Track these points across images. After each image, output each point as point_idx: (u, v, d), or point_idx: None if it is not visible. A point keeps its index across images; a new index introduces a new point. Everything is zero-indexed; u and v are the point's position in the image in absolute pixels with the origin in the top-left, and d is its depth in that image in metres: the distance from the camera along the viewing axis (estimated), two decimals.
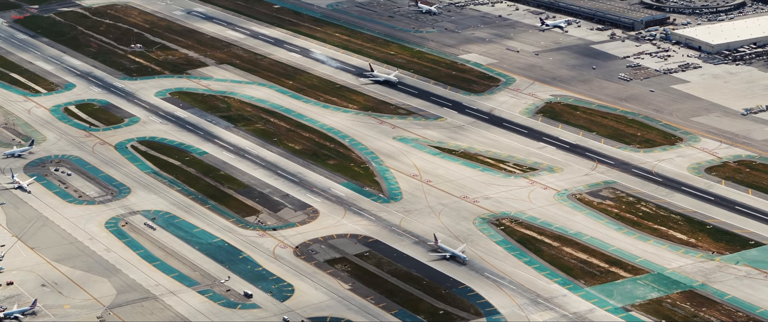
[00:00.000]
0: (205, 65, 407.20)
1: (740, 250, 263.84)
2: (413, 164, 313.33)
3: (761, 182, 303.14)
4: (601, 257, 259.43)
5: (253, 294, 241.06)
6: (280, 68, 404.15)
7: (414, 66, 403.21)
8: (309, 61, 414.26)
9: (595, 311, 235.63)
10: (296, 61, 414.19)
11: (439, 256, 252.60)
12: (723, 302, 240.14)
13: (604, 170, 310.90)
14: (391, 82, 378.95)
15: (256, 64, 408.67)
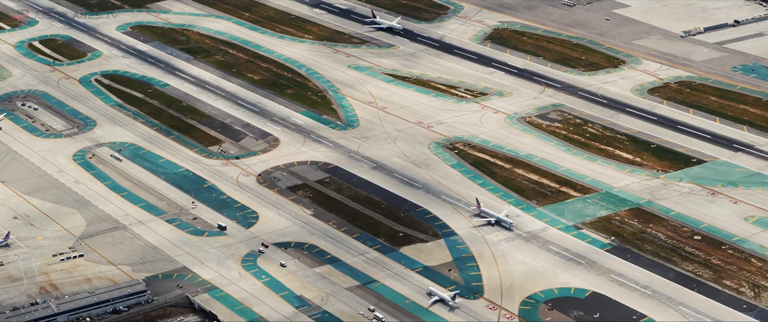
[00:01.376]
0: None
1: (683, 167, 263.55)
2: (369, 91, 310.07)
3: (701, 101, 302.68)
4: (552, 178, 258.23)
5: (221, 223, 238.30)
6: (237, 0, 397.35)
7: None
8: None
9: (547, 230, 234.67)
10: None
11: (485, 221, 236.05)
12: (668, 218, 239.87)
13: (551, 94, 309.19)
14: (395, 30, 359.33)
15: None
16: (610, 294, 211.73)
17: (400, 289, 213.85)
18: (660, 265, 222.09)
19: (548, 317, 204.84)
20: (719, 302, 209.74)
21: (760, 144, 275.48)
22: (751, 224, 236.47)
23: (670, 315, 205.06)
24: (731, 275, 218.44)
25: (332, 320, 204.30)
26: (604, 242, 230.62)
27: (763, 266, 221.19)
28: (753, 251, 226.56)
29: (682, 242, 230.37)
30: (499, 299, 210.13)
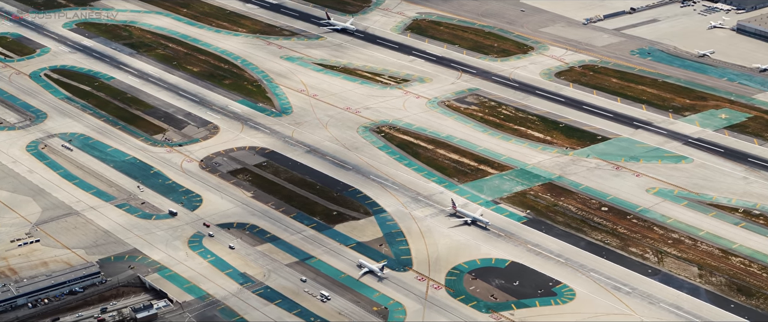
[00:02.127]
0: None
1: (590, 144, 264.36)
2: (300, 80, 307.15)
3: (603, 83, 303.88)
4: (471, 157, 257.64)
5: (167, 206, 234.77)
6: None
7: None
8: None
9: (468, 205, 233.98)
10: None
11: (461, 221, 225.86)
12: (578, 192, 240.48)
13: (468, 79, 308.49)
14: (349, 30, 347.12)
15: None
16: (527, 263, 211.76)
17: (336, 264, 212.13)
18: (572, 235, 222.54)
19: (472, 285, 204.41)
20: (626, 267, 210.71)
21: (657, 121, 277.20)
22: (652, 195, 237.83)
23: (583, 281, 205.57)
24: (636, 243, 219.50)
25: (274, 294, 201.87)
26: (520, 215, 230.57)
27: (664, 233, 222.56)
28: (655, 219, 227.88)
29: (591, 214, 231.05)
30: (427, 270, 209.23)
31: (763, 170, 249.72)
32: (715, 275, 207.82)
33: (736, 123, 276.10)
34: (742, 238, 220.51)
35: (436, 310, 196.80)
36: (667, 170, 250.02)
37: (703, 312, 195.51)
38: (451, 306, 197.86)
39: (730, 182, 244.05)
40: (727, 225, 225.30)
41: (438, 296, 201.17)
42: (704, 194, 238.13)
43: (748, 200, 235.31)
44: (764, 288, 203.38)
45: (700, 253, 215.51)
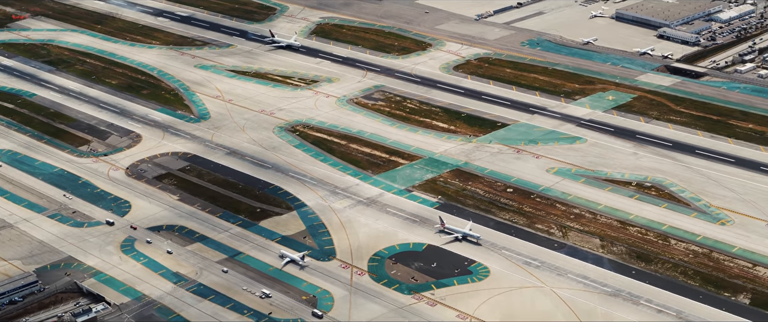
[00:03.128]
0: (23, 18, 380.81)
1: (491, 131, 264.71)
2: (215, 87, 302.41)
3: (499, 73, 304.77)
4: (382, 149, 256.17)
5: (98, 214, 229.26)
6: (89, 16, 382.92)
7: (203, 3, 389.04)
8: (113, 6, 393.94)
9: (384, 195, 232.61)
10: (102, 8, 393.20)
11: (452, 238, 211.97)
12: (484, 176, 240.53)
13: (373, 77, 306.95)
14: (294, 46, 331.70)
15: (68, 14, 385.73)
16: (442, 246, 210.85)
17: (263, 258, 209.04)
18: (482, 216, 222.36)
19: (394, 270, 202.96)
20: (534, 243, 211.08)
21: (551, 106, 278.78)
22: (552, 175, 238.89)
23: (496, 258, 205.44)
24: (542, 219, 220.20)
25: (207, 290, 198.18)
26: (432, 201, 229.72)
27: (566, 209, 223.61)
28: (557, 197, 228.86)
29: (497, 195, 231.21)
30: (350, 258, 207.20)
31: (650, 146, 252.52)
32: (616, 244, 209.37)
33: (622, 103, 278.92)
34: (637, 209, 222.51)
35: (361, 295, 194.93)
36: (564, 150, 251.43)
37: (608, 280, 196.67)
38: (376, 290, 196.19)
39: (622, 158, 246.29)
40: (622, 198, 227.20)
41: (362, 281, 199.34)
42: (599, 170, 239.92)
43: (639, 173, 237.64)
44: (661, 254, 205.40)
45: (600, 225, 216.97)
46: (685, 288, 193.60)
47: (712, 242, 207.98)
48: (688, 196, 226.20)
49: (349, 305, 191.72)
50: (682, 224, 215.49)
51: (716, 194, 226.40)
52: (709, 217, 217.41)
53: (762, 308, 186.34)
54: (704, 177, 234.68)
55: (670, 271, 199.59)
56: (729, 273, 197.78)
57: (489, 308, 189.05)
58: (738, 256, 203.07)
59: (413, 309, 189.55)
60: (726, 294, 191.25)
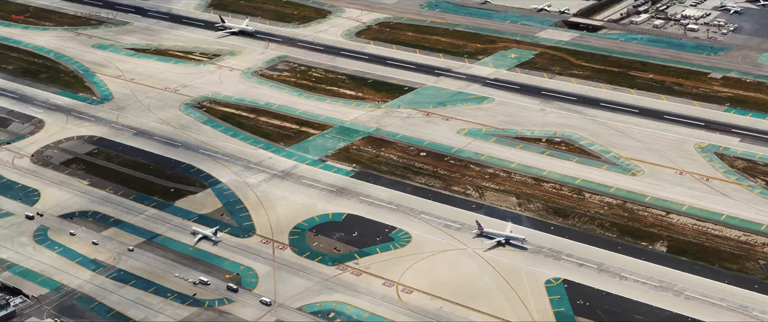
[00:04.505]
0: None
1: (399, 96, 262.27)
2: (116, 67, 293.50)
3: (401, 37, 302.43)
4: (292, 121, 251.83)
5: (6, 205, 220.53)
6: None
7: None
8: None
9: (298, 167, 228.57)
10: None
11: (494, 243, 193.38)
12: (396, 141, 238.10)
13: (275, 47, 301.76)
14: (247, 31, 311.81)
15: None
16: (362, 214, 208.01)
17: (182, 238, 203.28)
18: (398, 182, 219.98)
19: (315, 241, 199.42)
20: (452, 205, 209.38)
21: (456, 67, 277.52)
22: (463, 136, 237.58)
23: (416, 223, 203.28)
24: (457, 181, 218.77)
25: (128, 276, 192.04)
26: (347, 169, 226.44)
27: (480, 169, 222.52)
28: (470, 158, 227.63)
29: (411, 160, 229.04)
30: (270, 233, 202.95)
31: (556, 101, 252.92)
32: (532, 201, 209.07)
33: (525, 60, 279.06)
34: (549, 165, 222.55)
35: (285, 270, 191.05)
36: (473, 110, 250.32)
37: (528, 237, 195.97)
38: (299, 264, 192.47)
39: (530, 115, 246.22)
40: (534, 155, 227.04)
41: (285, 256, 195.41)
42: (509, 128, 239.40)
43: (548, 129, 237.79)
44: (576, 208, 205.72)
45: (515, 183, 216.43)
46: (603, 240, 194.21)
47: (625, 192, 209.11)
48: (597, 149, 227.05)
49: (273, 280, 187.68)
50: (594, 177, 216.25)
51: (624, 145, 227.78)
52: (620, 168, 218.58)
53: (679, 255, 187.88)
54: (611, 129, 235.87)
55: (587, 224, 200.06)
56: (644, 222, 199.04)
57: (414, 274, 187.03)
58: (651, 205, 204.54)
59: (339, 280, 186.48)
60: (643, 244, 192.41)
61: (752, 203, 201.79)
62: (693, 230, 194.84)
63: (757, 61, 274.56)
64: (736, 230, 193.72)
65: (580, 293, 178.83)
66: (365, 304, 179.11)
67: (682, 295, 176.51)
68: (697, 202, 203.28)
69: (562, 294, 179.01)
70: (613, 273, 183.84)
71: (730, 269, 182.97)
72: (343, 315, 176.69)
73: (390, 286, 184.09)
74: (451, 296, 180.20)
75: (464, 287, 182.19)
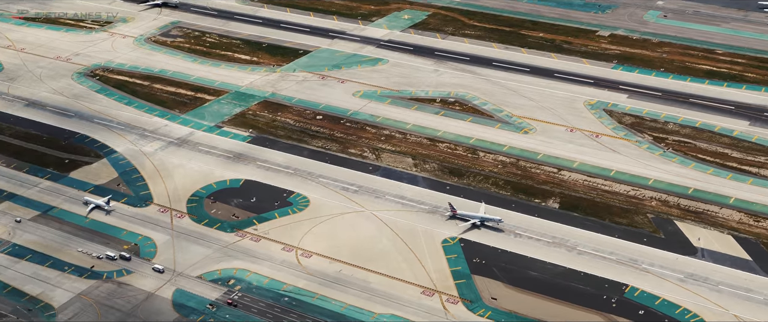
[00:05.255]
0: None
1: (294, 59, 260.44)
2: (5, 36, 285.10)
3: (293, 0, 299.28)
4: (187, 87, 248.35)
5: None
6: None
7: None
8: None
9: (194, 133, 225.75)
10: None
11: (470, 225, 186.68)
12: (292, 105, 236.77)
13: (168, 13, 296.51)
14: (170, 4, 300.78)
15: None
16: (260, 179, 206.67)
17: (78, 210, 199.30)
18: (295, 146, 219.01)
19: (213, 209, 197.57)
20: (349, 168, 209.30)
21: (350, 30, 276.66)
22: (359, 98, 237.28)
23: (313, 187, 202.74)
24: (354, 144, 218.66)
25: (23, 250, 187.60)
26: (244, 135, 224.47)
27: (376, 131, 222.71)
28: (366, 120, 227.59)
29: (308, 124, 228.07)
30: (167, 202, 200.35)
31: (449, 61, 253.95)
32: (428, 162, 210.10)
33: (418, 21, 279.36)
34: (443, 125, 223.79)
35: (184, 238, 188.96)
36: (367, 72, 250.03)
37: (425, 198, 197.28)
38: (198, 231, 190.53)
39: (424, 76, 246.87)
40: (429, 115, 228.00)
41: (183, 224, 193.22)
42: (404, 90, 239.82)
43: (442, 90, 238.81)
44: (471, 167, 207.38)
45: (411, 144, 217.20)
46: (498, 198, 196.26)
47: (518, 151, 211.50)
48: (490, 108, 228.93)
49: (172, 249, 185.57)
50: (487, 136, 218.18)
51: (516, 104, 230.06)
52: (513, 127, 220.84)
53: (571, 211, 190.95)
54: (503, 88, 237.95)
55: (482, 183, 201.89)
56: (537, 180, 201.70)
57: (313, 238, 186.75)
58: (543, 162, 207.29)
59: (238, 247, 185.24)
60: (537, 201, 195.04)
61: (640, 158, 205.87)
62: (584, 186, 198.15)
63: (643, 19, 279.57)
64: (625, 185, 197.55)
65: (476, 252, 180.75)
66: (265, 269, 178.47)
67: (575, 250, 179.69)
68: (588, 158, 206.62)
69: (458, 253, 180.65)
70: (508, 231, 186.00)
71: (619, 223, 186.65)
72: (243, 281, 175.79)
73: (289, 251, 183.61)
74: (351, 258, 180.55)
75: (363, 249, 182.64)
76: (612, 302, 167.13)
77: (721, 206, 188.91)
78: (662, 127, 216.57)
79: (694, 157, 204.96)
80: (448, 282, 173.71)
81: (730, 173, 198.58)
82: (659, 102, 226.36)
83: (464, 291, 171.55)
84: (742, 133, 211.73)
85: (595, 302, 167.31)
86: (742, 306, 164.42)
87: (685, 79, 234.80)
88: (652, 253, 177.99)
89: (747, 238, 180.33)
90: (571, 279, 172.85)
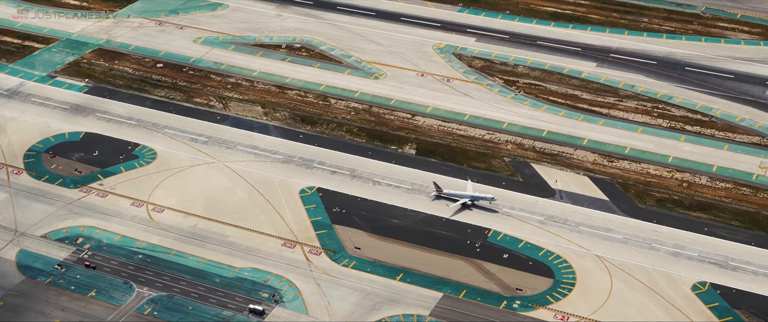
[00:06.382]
0: None
1: (127, 4, 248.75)
2: None
3: None
4: (13, 35, 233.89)
5: None
6: None
7: None
8: None
9: (25, 84, 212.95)
10: None
11: (459, 206, 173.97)
12: (129, 53, 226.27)
13: None
14: None
15: None
16: (101, 131, 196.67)
17: None
18: (136, 96, 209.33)
19: (53, 164, 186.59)
20: (196, 118, 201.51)
21: None
22: (200, 45, 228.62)
23: (160, 139, 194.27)
24: (199, 93, 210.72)
25: None
26: (80, 85, 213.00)
27: (222, 79, 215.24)
28: (210, 68, 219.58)
29: (148, 72, 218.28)
30: (2, 157, 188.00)
31: (292, 6, 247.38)
32: (278, 110, 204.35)
33: None
34: (291, 72, 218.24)
35: (23, 196, 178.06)
36: (207, 18, 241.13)
37: (278, 147, 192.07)
38: (39, 189, 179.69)
39: (267, 21, 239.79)
40: (275, 62, 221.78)
41: (21, 181, 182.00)
42: (247, 36, 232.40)
43: (287, 35, 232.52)
44: (323, 114, 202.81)
45: (259, 92, 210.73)
46: (353, 146, 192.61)
47: (370, 97, 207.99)
48: (338, 53, 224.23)
49: (11, 208, 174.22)
50: (338, 82, 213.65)
51: (365, 49, 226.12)
52: (363, 72, 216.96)
53: (428, 157, 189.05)
54: (350, 33, 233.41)
55: (335, 131, 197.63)
56: (392, 126, 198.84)
57: (163, 191, 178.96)
58: (397, 108, 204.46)
59: (84, 203, 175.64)
60: (393, 147, 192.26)
61: (492, 102, 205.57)
62: (439, 131, 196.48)
63: None
64: (479, 129, 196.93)
65: (335, 201, 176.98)
66: (115, 226, 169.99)
67: (434, 196, 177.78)
68: (441, 103, 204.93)
69: (317, 203, 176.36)
70: (366, 179, 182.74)
71: (477, 167, 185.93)
72: (92, 240, 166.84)
73: (139, 206, 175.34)
74: (205, 212, 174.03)
75: (218, 202, 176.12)
76: (476, 246, 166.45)
77: (575, 148, 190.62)
78: (512, 70, 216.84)
79: (546, 99, 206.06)
80: (309, 233, 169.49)
81: (581, 115, 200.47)
82: (507, 45, 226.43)
83: (326, 242, 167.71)
84: (590, 74, 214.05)
85: (459, 248, 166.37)
86: (602, 245, 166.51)
87: (531, 22, 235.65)
88: (512, 196, 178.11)
89: (602, 178, 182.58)
90: (433, 225, 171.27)
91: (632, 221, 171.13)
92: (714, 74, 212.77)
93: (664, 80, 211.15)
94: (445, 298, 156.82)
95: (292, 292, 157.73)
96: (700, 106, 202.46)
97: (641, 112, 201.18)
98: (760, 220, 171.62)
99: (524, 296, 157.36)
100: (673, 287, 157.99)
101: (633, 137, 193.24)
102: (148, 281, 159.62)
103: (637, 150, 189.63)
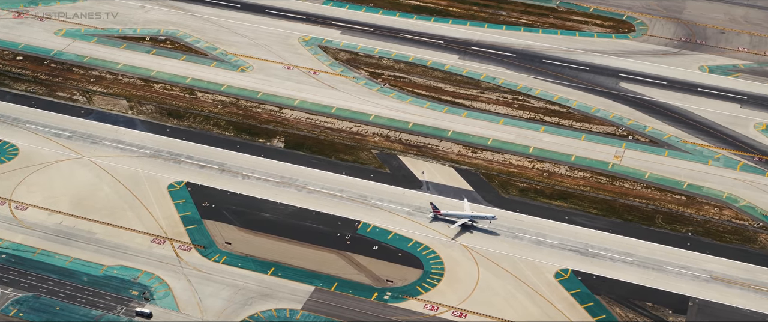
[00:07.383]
0: None
1: None
2: None
3: None
4: None
5: None
6: None
7: None
8: None
9: None
10: None
11: (458, 227, 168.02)
12: None
13: None
14: None
15: None
16: None
17: None
18: None
19: None
20: (59, 112, 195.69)
21: None
22: (61, 37, 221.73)
23: (22, 134, 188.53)
24: (61, 86, 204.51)
25: None
26: None
27: (85, 72, 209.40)
28: (72, 61, 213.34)
29: (7, 66, 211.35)
30: None
31: None
32: (144, 104, 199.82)
33: None
34: (157, 65, 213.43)
35: None
36: (67, 9, 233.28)
37: (145, 141, 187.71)
38: None
39: (130, 12, 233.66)
40: (140, 55, 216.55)
41: None
42: (110, 28, 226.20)
43: (151, 27, 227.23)
44: (190, 108, 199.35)
45: (124, 86, 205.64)
46: (221, 140, 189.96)
47: (237, 90, 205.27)
48: (203, 46, 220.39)
49: None
50: (204, 75, 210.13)
51: (230, 42, 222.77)
52: (229, 65, 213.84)
53: (296, 150, 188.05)
54: (215, 25, 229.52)
55: (203, 124, 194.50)
56: (259, 119, 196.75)
57: (26, 188, 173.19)
58: (264, 101, 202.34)
59: None
60: (261, 141, 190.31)
61: (359, 94, 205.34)
62: (307, 124, 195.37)
63: None
64: (347, 121, 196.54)
65: (205, 196, 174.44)
66: None
67: (305, 189, 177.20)
68: (308, 96, 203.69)
69: (186, 198, 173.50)
70: (235, 173, 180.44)
71: (345, 160, 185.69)
72: None
73: (2, 204, 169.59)
74: (71, 209, 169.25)
75: (83, 198, 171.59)
76: (346, 239, 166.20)
77: (441, 139, 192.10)
78: (377, 62, 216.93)
79: (411, 91, 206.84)
80: (179, 228, 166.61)
81: (445, 107, 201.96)
82: (372, 37, 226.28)
83: (196, 237, 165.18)
84: (453, 67, 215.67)
85: (329, 240, 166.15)
86: (468, 236, 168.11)
87: (394, 15, 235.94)
88: (380, 188, 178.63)
89: (467, 169, 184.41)
90: (303, 219, 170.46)
91: (497, 211, 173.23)
92: (570, 66, 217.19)
93: (523, 72, 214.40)
94: (317, 291, 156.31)
95: (163, 289, 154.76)
96: (557, 97, 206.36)
97: (502, 103, 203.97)
98: (616, 207, 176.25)
99: (395, 287, 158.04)
100: (537, 275, 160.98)
101: (495, 129, 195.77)
102: (13, 281, 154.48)
103: (500, 141, 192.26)
